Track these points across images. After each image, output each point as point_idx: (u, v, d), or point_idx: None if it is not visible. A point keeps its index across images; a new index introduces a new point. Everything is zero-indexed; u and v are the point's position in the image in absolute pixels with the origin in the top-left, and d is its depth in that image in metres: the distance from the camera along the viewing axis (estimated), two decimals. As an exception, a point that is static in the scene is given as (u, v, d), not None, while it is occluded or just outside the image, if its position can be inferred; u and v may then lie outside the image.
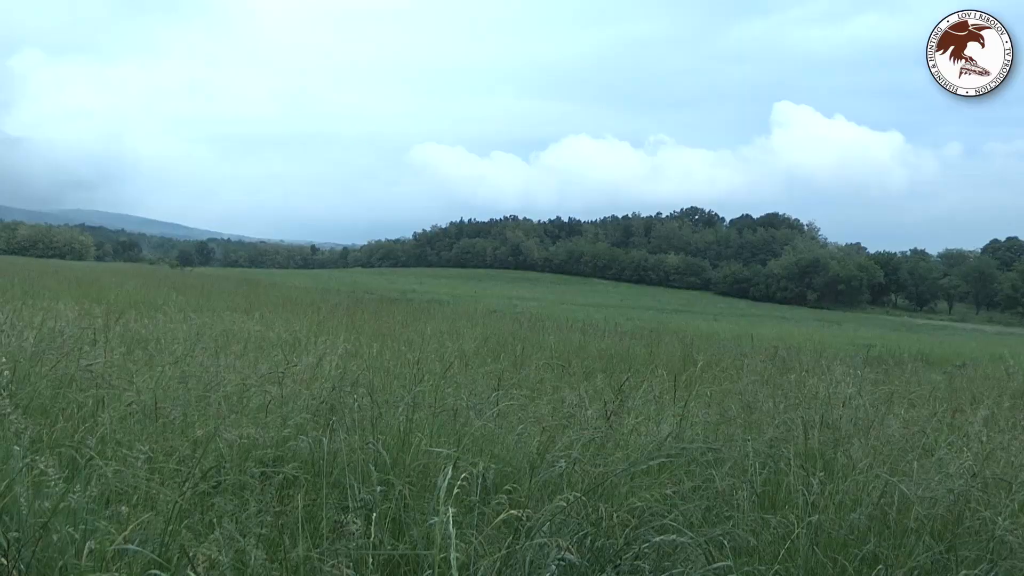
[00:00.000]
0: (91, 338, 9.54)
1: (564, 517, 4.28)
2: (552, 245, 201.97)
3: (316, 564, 3.78)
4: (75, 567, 3.41)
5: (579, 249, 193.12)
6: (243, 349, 10.62)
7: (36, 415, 5.79)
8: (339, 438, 5.16)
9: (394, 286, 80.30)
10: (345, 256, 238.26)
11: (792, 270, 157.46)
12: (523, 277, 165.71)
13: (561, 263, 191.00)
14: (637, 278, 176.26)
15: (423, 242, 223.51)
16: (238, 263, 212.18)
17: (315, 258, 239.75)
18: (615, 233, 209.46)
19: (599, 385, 9.59)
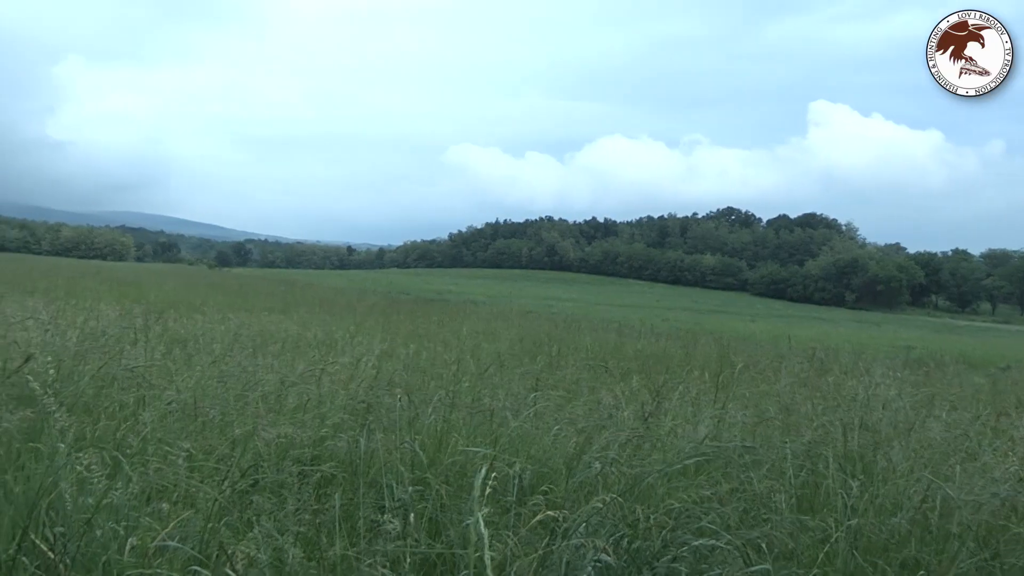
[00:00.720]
0: (132, 338, 9.67)
1: (600, 518, 4.26)
2: (587, 246, 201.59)
3: (353, 563, 3.80)
4: (118, 562, 3.46)
5: (615, 250, 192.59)
6: (280, 349, 10.71)
7: (80, 413, 5.88)
8: (376, 438, 5.18)
9: (430, 287, 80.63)
10: (381, 257, 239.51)
11: (830, 271, 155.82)
12: (558, 278, 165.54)
13: (596, 264, 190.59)
14: (673, 279, 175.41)
15: (459, 243, 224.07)
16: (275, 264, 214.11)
17: (351, 259, 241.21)
18: (651, 233, 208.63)
19: (635, 386, 9.54)
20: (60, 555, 3.30)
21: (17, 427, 4.89)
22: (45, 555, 3.31)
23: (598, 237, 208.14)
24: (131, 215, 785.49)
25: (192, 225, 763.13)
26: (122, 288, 28.29)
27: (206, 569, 3.46)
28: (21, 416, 4.99)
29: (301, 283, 56.24)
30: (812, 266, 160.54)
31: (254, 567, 3.60)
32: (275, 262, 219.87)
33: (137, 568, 3.43)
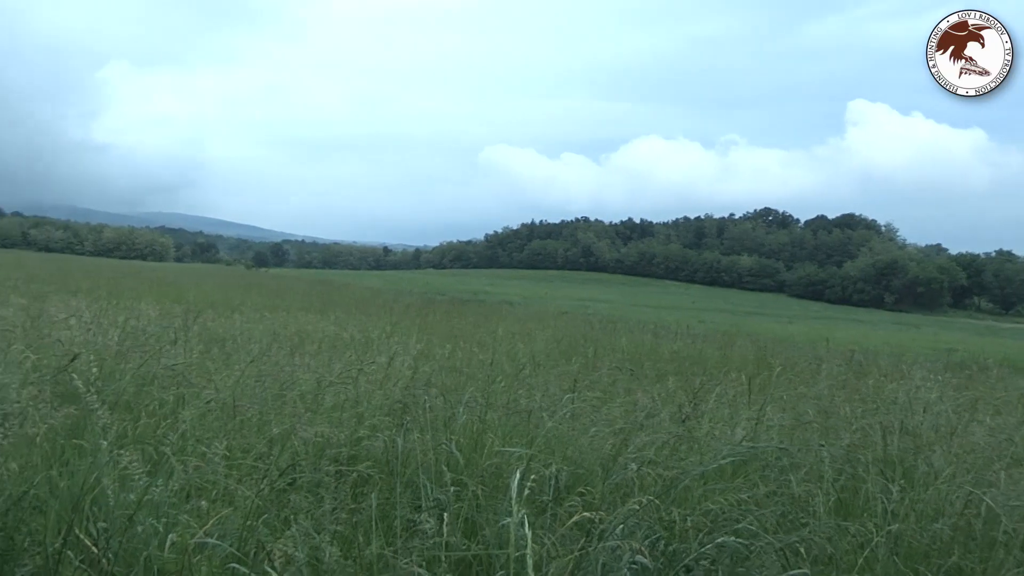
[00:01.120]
0: (171, 337, 9.80)
1: (636, 520, 4.24)
2: (623, 246, 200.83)
3: (390, 561, 3.81)
4: (158, 558, 3.50)
5: (651, 250, 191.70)
6: (317, 349, 10.78)
7: (121, 411, 5.96)
8: (412, 438, 5.20)
9: (465, 287, 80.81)
10: (417, 257, 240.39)
11: (869, 272, 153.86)
12: (594, 279, 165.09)
13: (632, 264, 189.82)
14: (710, 280, 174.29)
15: (494, 243, 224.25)
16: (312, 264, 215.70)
17: (387, 259, 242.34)
18: (687, 234, 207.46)
19: (672, 388, 9.50)
20: (103, 550, 3.35)
21: (62, 424, 4.97)
22: (89, 550, 3.36)
23: (634, 238, 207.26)
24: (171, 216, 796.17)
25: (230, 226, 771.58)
26: (162, 288, 28.66)
27: (244, 566, 3.49)
28: (65, 413, 5.07)
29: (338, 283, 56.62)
30: (851, 267, 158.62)
31: (291, 565, 3.63)
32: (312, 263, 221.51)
33: (177, 564, 3.46)
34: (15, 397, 5.25)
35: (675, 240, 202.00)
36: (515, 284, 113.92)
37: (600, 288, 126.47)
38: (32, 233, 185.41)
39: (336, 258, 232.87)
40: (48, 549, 3.34)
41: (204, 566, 3.48)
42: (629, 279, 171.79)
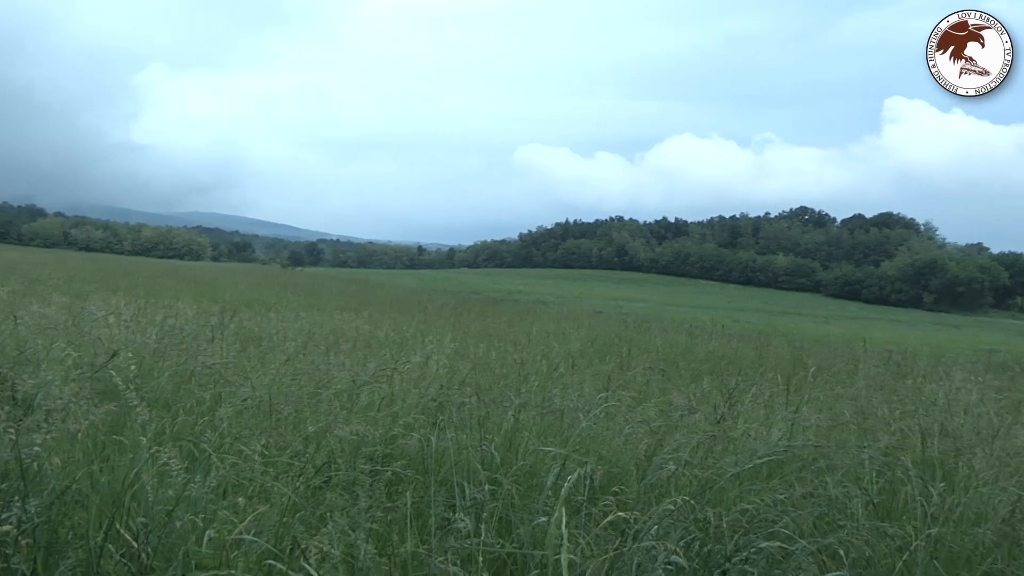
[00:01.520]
0: (208, 335, 9.90)
1: (671, 520, 4.22)
2: (658, 246, 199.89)
3: (424, 560, 3.83)
4: (196, 553, 3.54)
5: (685, 250, 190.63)
6: (352, 348, 10.84)
7: (159, 408, 6.04)
8: (447, 436, 5.21)
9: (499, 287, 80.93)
10: (451, 256, 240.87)
11: (907, 271, 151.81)
12: (628, 278, 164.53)
13: (667, 264, 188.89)
14: (745, 279, 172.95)
15: (528, 243, 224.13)
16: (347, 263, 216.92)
17: (422, 258, 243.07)
18: (722, 233, 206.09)
19: (707, 388, 9.45)
20: (143, 545, 3.40)
21: (102, 420, 5.04)
22: (129, 544, 3.40)
23: (668, 237, 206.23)
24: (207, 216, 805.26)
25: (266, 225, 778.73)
26: (199, 287, 28.98)
27: (280, 563, 3.52)
28: (106, 410, 5.14)
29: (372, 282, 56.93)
30: (888, 267, 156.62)
31: (327, 562, 3.65)
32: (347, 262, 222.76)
33: (214, 560, 3.50)
34: (58, 393, 5.34)
35: (710, 239, 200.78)
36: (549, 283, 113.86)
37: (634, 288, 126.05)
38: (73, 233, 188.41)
39: (371, 257, 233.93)
40: (90, 543, 3.39)
41: (241, 562, 3.51)
42: (663, 278, 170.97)
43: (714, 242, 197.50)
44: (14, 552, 3.15)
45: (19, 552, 3.16)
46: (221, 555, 3.51)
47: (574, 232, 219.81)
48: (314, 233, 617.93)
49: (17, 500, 3.31)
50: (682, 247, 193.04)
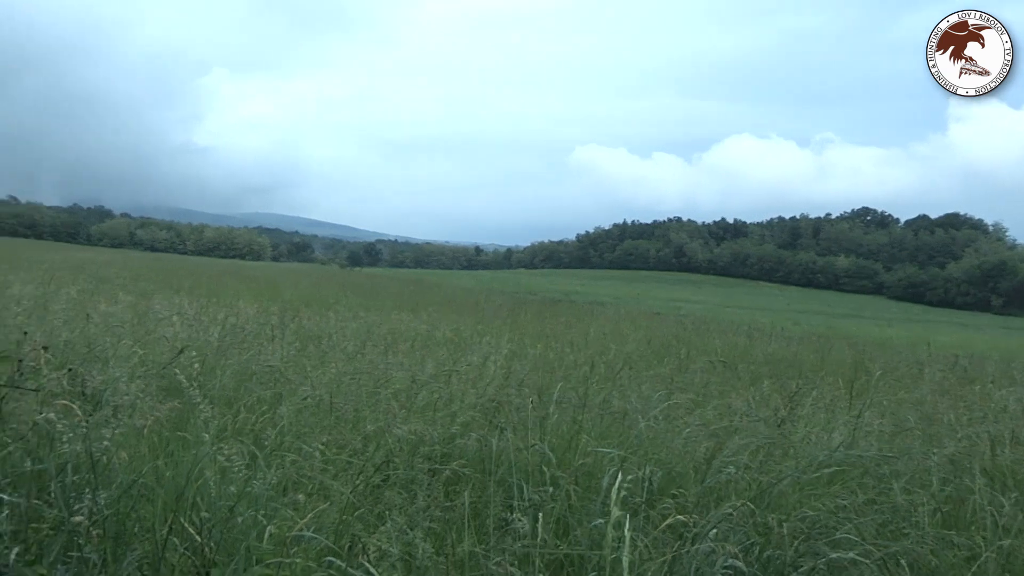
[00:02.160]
0: (269, 335, 10.05)
1: (730, 524, 4.17)
2: (716, 247, 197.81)
3: (482, 560, 3.83)
4: (256, 548, 3.59)
5: (744, 251, 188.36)
6: (410, 348, 10.92)
7: (221, 406, 6.14)
8: (506, 437, 5.22)
9: (557, 287, 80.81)
10: (508, 257, 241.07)
11: (974, 273, 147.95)
12: (686, 279, 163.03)
13: (725, 265, 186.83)
14: (805, 281, 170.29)
15: (586, 244, 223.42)
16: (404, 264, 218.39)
17: (479, 259, 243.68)
18: (782, 234, 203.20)
19: (766, 391, 9.33)
20: (206, 539, 3.46)
21: (167, 416, 5.15)
22: (193, 538, 3.47)
23: (727, 238, 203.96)
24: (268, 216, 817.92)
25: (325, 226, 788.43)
26: (259, 287, 29.41)
27: (339, 560, 3.55)
28: (170, 406, 5.25)
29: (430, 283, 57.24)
30: (954, 268, 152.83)
31: (385, 560, 3.68)
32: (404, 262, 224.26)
33: (275, 555, 3.54)
34: (125, 390, 5.46)
35: (769, 240, 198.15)
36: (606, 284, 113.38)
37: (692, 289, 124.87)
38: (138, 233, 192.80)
39: (428, 258, 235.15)
40: (156, 535, 3.47)
41: (300, 558, 3.55)
42: (722, 280, 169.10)
43: (773, 243, 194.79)
44: (86, 542, 3.24)
45: (90, 542, 3.24)
46: (281, 551, 3.56)
47: (631, 233, 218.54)
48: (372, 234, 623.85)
49: (88, 492, 3.39)
50: (741, 248, 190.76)
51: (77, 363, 6.29)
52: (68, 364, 6.01)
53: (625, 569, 2.99)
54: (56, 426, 3.67)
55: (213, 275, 37.38)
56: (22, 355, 4.15)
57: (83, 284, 18.79)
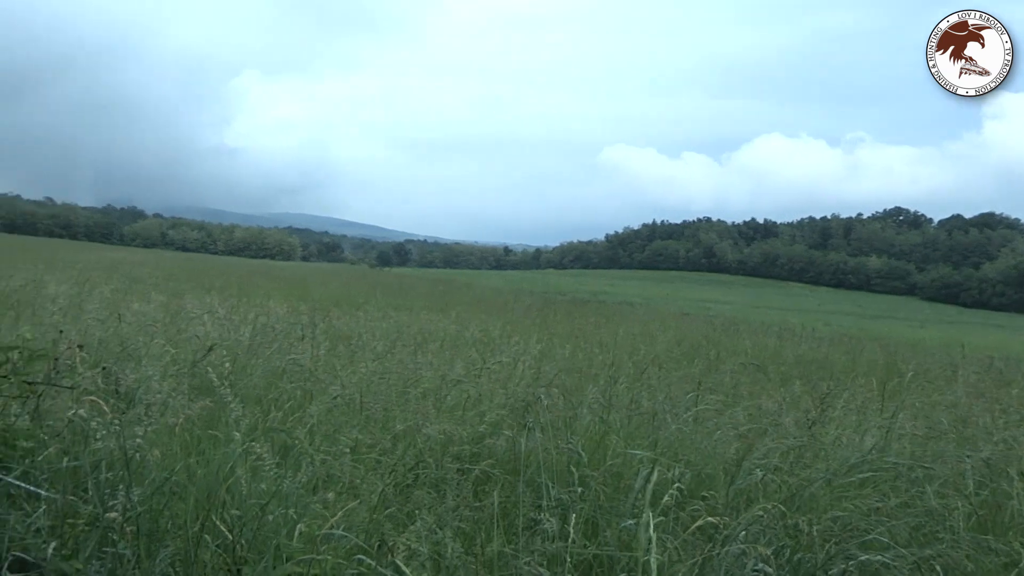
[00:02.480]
0: (299, 334, 10.12)
1: (760, 527, 4.14)
2: (746, 247, 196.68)
3: (511, 559, 3.83)
4: (287, 546, 3.61)
5: (774, 251, 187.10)
6: (439, 347, 10.94)
7: (252, 404, 6.18)
8: (535, 437, 5.22)
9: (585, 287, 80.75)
10: (537, 257, 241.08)
11: (1011, 274, 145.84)
12: (716, 280, 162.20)
13: (755, 266, 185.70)
14: (836, 282, 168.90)
15: (615, 244, 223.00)
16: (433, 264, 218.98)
17: (508, 259, 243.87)
18: (812, 235, 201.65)
19: (797, 392, 9.26)
20: (237, 536, 3.49)
21: (198, 414, 5.20)
22: (224, 535, 3.50)
23: (757, 238, 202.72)
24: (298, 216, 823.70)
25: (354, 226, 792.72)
26: (289, 286, 29.61)
27: (369, 558, 3.57)
28: (201, 405, 5.30)
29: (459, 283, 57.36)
30: (989, 269, 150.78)
31: (414, 559, 3.69)
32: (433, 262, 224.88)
33: (305, 553, 3.56)
34: (157, 388, 5.52)
35: (800, 240, 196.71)
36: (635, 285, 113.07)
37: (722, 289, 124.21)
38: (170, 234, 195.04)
39: (457, 258, 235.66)
40: (188, 532, 3.50)
41: (331, 556, 3.57)
42: (752, 280, 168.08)
43: (804, 243, 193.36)
44: (120, 538, 3.27)
45: (124, 538, 3.28)
46: (311, 549, 3.57)
47: (661, 233, 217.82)
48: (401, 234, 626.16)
49: (122, 489, 3.43)
50: (771, 248, 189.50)
51: (111, 361, 6.36)
52: (102, 362, 6.08)
53: (653, 571, 2.98)
54: (90, 423, 3.71)
55: (243, 275, 37.70)
56: (58, 353, 4.20)
57: (116, 284, 19.02)
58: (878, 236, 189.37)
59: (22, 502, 3.56)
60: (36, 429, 3.96)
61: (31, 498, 3.55)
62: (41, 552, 3.16)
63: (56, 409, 4.36)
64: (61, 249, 59.04)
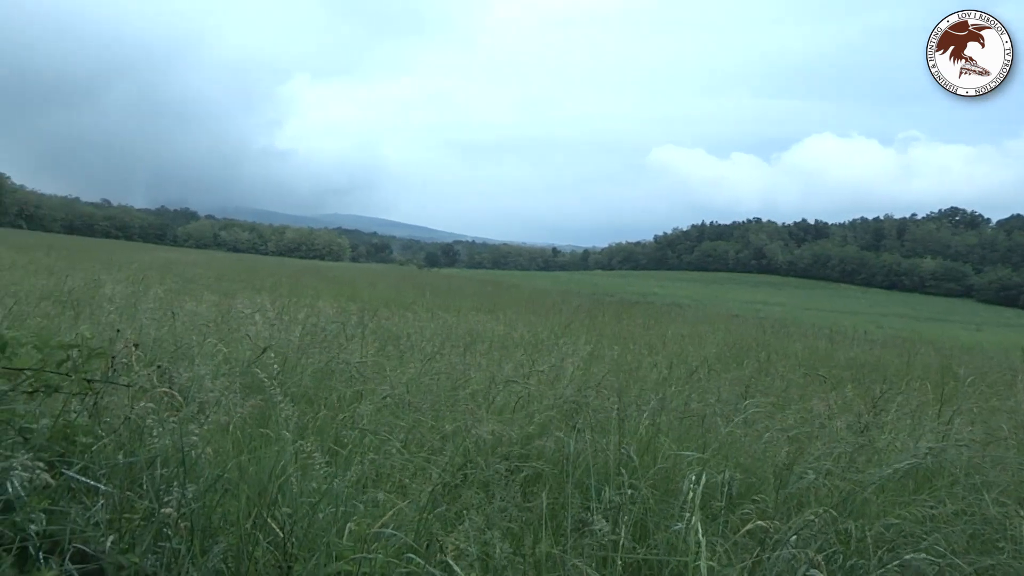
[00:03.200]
0: (348, 334, 10.20)
1: (812, 532, 4.09)
2: (797, 248, 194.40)
3: (558, 561, 3.83)
4: (337, 545, 3.64)
5: (825, 252, 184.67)
6: (488, 348, 10.96)
7: (302, 404, 6.25)
8: (584, 438, 5.20)
9: (634, 289, 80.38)
10: (585, 258, 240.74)
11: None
12: (766, 281, 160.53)
13: (806, 267, 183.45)
14: (889, 283, 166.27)
15: (663, 245, 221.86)
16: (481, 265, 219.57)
17: (556, 260, 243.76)
18: (864, 235, 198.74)
19: (849, 395, 9.12)
20: (288, 534, 3.53)
21: (250, 413, 5.27)
22: (275, 533, 3.54)
23: (808, 239, 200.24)
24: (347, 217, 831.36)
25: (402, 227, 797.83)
26: (338, 286, 29.86)
27: (419, 557, 3.58)
28: (252, 404, 5.38)
29: (507, 284, 57.44)
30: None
31: (463, 559, 3.70)
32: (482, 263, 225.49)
33: (355, 552, 3.59)
34: (210, 387, 5.60)
35: (851, 241, 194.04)
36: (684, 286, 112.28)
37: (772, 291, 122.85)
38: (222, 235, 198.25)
39: (505, 259, 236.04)
40: (241, 529, 3.55)
41: (380, 554, 3.59)
42: (802, 282, 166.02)
43: (856, 244, 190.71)
44: (174, 533, 3.33)
45: (178, 533, 3.34)
46: (361, 547, 3.60)
47: (710, 234, 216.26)
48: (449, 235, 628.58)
49: (176, 485, 3.49)
50: (822, 249, 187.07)
51: (165, 360, 6.47)
52: (157, 361, 6.19)
53: (704, 575, 2.95)
54: (147, 420, 3.78)
55: (293, 275, 38.11)
56: (115, 352, 4.28)
57: (170, 284, 19.35)
58: (933, 237, 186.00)
59: (82, 496, 3.63)
60: (94, 425, 4.05)
61: (90, 492, 3.63)
62: (100, 545, 3.23)
63: (113, 406, 4.45)
64: (117, 250, 60.23)
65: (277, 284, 26.34)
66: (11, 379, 3.92)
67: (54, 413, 3.92)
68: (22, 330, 4.95)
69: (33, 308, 9.74)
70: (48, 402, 4.02)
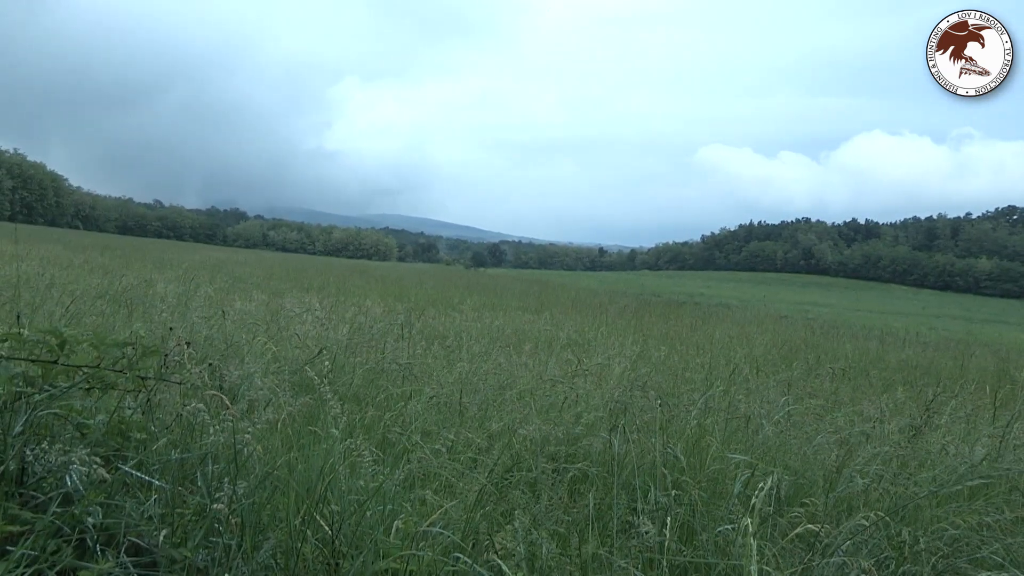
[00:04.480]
0: (396, 333, 10.27)
1: (863, 537, 4.03)
2: (846, 248, 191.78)
3: (605, 561, 3.81)
4: (384, 543, 3.67)
5: (876, 252, 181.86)
6: (534, 348, 10.96)
7: (350, 402, 6.30)
8: (631, 439, 5.18)
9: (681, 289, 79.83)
10: (632, 258, 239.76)
11: None
12: (815, 282, 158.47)
13: (856, 267, 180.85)
14: (942, 284, 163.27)
15: (711, 245, 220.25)
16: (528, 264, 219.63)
17: (602, 260, 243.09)
18: (917, 235, 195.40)
19: (900, 398, 8.97)
20: (336, 531, 3.56)
21: (299, 411, 5.32)
22: (324, 530, 3.57)
23: (858, 239, 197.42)
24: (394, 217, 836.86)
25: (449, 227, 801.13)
26: (386, 286, 30.04)
27: (466, 556, 3.59)
28: (302, 402, 5.43)
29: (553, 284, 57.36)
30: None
31: (510, 558, 3.70)
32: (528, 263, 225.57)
33: (402, 550, 3.61)
34: (259, 385, 5.68)
35: (903, 241, 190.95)
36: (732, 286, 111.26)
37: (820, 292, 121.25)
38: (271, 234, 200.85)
39: (552, 258, 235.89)
40: (290, 526, 3.59)
41: (428, 553, 3.61)
42: (852, 282, 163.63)
43: (908, 244, 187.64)
44: (225, 528, 3.38)
45: (229, 529, 3.38)
46: (408, 546, 3.62)
47: (758, 234, 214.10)
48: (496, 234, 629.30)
49: (227, 481, 3.54)
50: (872, 250, 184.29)
51: (216, 358, 6.56)
52: (208, 359, 6.28)
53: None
54: (200, 417, 3.84)
55: (341, 274, 38.41)
56: (168, 350, 4.36)
57: (220, 283, 19.61)
58: (988, 236, 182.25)
59: (136, 491, 3.71)
60: (148, 422, 4.12)
61: (144, 487, 3.70)
62: (153, 538, 3.29)
63: (165, 403, 4.52)
64: (169, 249, 61.19)
65: (325, 283, 26.58)
66: (69, 376, 4.00)
67: (109, 409, 4.00)
68: (79, 328, 5.05)
69: (89, 307, 9.93)
70: (104, 399, 4.11)
